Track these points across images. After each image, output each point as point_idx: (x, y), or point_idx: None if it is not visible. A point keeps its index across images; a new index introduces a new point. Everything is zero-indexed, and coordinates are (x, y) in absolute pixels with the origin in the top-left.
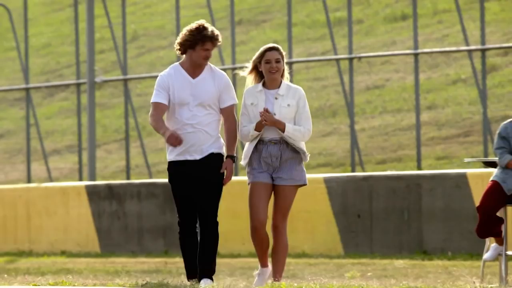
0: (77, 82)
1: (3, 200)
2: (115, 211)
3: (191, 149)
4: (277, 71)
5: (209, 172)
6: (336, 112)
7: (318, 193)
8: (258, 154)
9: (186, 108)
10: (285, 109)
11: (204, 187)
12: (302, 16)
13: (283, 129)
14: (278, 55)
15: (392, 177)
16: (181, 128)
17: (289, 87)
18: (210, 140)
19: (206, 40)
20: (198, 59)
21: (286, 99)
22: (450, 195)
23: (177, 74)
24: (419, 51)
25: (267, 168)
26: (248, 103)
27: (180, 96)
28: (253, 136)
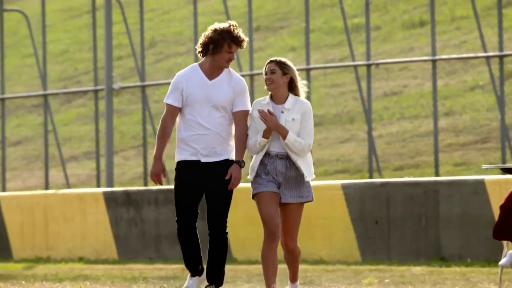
0: (95, 88)
1: (21, 207)
2: (132, 217)
3: (203, 151)
4: (272, 83)
5: (220, 176)
6: (353, 118)
7: (336, 199)
8: (263, 167)
9: (199, 109)
10: (290, 124)
11: (213, 194)
12: (320, 22)
13: (284, 136)
14: (274, 66)
15: (409, 183)
16: (194, 129)
17: (296, 101)
18: (222, 143)
19: (234, 42)
20: (221, 61)
21: (292, 113)
22: (468, 202)
23: (194, 74)
24: (437, 57)
25: (272, 180)
26: (255, 115)
27: (193, 97)
28: (260, 144)
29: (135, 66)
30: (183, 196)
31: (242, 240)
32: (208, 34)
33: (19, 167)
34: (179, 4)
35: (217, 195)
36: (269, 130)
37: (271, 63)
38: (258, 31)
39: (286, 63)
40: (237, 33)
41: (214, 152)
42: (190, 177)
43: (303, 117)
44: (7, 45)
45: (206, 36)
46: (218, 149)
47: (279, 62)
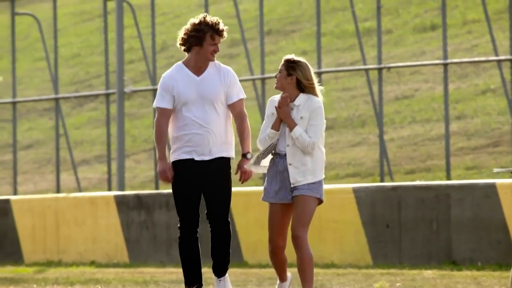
0: (106, 92)
1: (32, 210)
2: (144, 221)
3: (198, 149)
4: (278, 83)
5: (216, 175)
6: (365, 122)
7: (347, 203)
8: (275, 168)
9: (193, 107)
10: (298, 122)
11: (212, 189)
12: (331, 26)
13: (292, 128)
14: (282, 65)
15: (421, 187)
16: (188, 128)
17: (307, 98)
18: (218, 141)
19: (216, 33)
20: (206, 55)
21: (301, 111)
22: (479, 205)
23: (181, 73)
24: (448, 61)
25: (284, 183)
26: (269, 113)
27: (185, 96)
28: (270, 136)
29: (146, 70)
30: (182, 200)
31: (253, 243)
32: (188, 29)
33: (30, 170)
34: (190, 8)
35: (217, 193)
36: (279, 121)
37: (283, 62)
38: (269, 35)
39: (295, 63)
40: (216, 24)
41: (209, 151)
42: (186, 176)
43: (311, 114)
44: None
45: (186, 32)
46: (213, 147)
47: (287, 61)
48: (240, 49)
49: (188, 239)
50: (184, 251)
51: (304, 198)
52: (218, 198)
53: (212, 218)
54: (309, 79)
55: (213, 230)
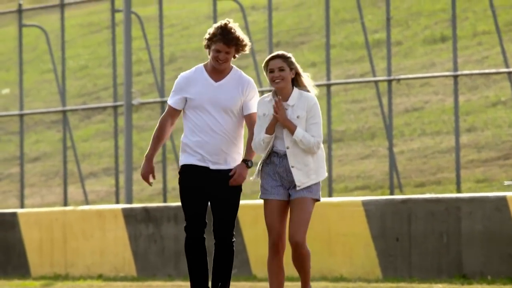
0: (114, 104)
1: (39, 223)
2: (152, 234)
3: (211, 157)
4: (282, 80)
5: (227, 188)
6: (374, 134)
7: (356, 216)
8: (273, 167)
9: (206, 112)
10: (295, 121)
11: (220, 202)
12: (341, 37)
13: (292, 132)
14: (281, 62)
15: (431, 200)
16: (200, 134)
17: (300, 96)
18: (231, 149)
19: (218, 41)
20: (211, 60)
21: (296, 110)
22: (490, 219)
23: (199, 75)
24: (458, 73)
25: (281, 182)
26: (260, 113)
27: (199, 99)
28: (265, 141)
29: (154, 82)
30: (190, 201)
31: (262, 256)
32: (207, 35)
33: (37, 183)
34: (199, 19)
35: (224, 202)
36: (273, 125)
37: (276, 59)
38: (278, 47)
39: (291, 57)
40: (222, 31)
41: (224, 159)
42: (195, 182)
43: (308, 113)
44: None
45: (205, 37)
46: (227, 156)
47: (284, 56)
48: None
49: (194, 239)
50: (190, 252)
51: (303, 201)
52: (226, 209)
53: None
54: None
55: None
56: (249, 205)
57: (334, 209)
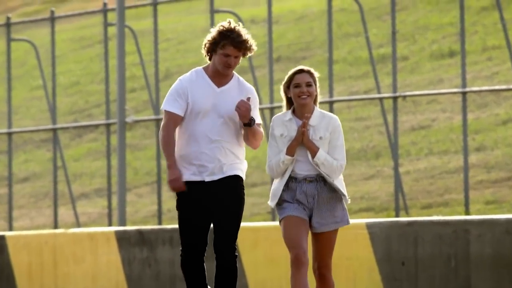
0: (107, 122)
1: (28, 246)
2: (146, 258)
3: (209, 167)
4: (309, 96)
5: (227, 194)
6: (379, 153)
7: (360, 239)
8: (291, 193)
9: (206, 120)
10: (317, 143)
11: (220, 213)
12: (344, 52)
13: (314, 153)
14: (309, 77)
15: (438, 222)
16: (199, 143)
17: (323, 116)
18: (230, 159)
19: (227, 44)
20: (218, 65)
21: (319, 131)
22: (500, 242)
23: (200, 80)
24: (467, 89)
25: (303, 207)
26: (277, 134)
27: (201, 106)
28: (285, 163)
29: (149, 99)
30: (188, 223)
31: (262, 282)
32: (209, 37)
33: (26, 205)
34: (195, 33)
35: (225, 213)
36: (294, 146)
37: (304, 73)
38: (279, 62)
39: (314, 74)
40: (231, 34)
41: (220, 168)
42: (194, 200)
43: (332, 135)
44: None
45: (208, 40)
46: (225, 166)
47: (311, 72)
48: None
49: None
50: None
51: (329, 235)
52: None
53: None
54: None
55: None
56: (248, 227)
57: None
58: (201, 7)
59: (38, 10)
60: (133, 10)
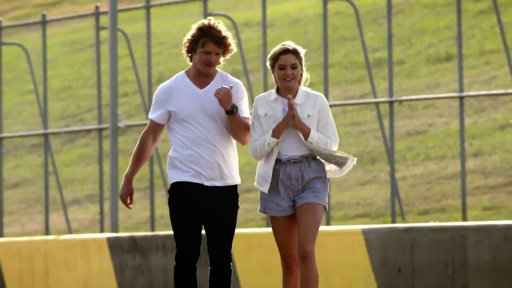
0: (99, 127)
1: (19, 253)
2: (138, 265)
3: (206, 173)
4: (293, 79)
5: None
6: (375, 159)
7: (356, 245)
8: (275, 176)
9: (195, 124)
10: (305, 121)
11: (215, 221)
12: (339, 56)
13: (307, 134)
14: (294, 59)
15: (435, 228)
16: (193, 147)
17: (308, 95)
18: (227, 162)
19: (207, 41)
20: (199, 65)
21: (306, 108)
22: (498, 248)
23: (181, 84)
24: (464, 94)
25: (286, 193)
26: (261, 113)
27: (185, 110)
28: (270, 145)
29: (141, 103)
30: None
31: None
32: (188, 37)
33: (17, 211)
34: None
35: (220, 222)
36: (282, 129)
37: (289, 54)
38: None
39: (301, 52)
40: (209, 30)
41: (219, 175)
42: (190, 203)
43: (321, 113)
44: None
45: (186, 39)
46: (222, 171)
47: (296, 52)
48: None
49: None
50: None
51: (311, 206)
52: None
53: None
54: None
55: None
56: (242, 234)
57: (332, 238)
58: (195, 11)
59: (29, 14)
60: (126, 13)
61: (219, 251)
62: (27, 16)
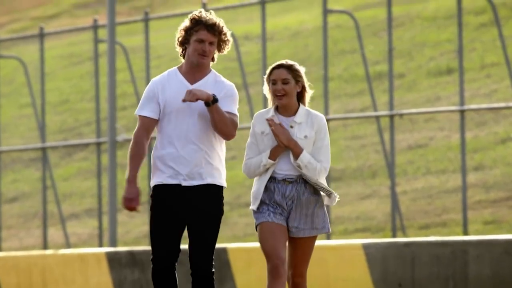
0: (97, 141)
1: (17, 268)
2: (137, 279)
3: (185, 171)
4: (285, 95)
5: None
6: (375, 173)
7: (356, 260)
8: (270, 194)
9: (182, 120)
10: (302, 142)
11: (196, 224)
12: (340, 69)
13: (298, 154)
14: (286, 74)
15: (436, 243)
16: (175, 144)
17: (308, 114)
18: (210, 163)
19: (201, 29)
20: (193, 56)
21: (303, 128)
22: (499, 263)
23: (172, 78)
24: (465, 107)
25: (281, 210)
26: (257, 131)
27: (172, 105)
28: (265, 166)
29: None
30: (161, 228)
31: None
32: (184, 24)
33: (15, 225)
34: None
35: (201, 224)
36: (279, 152)
37: (281, 69)
38: None
39: (298, 68)
40: (201, 19)
41: (199, 174)
42: (169, 204)
43: (317, 135)
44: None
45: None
46: (203, 169)
47: (291, 67)
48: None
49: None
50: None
51: (307, 241)
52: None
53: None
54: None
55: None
56: (241, 248)
57: (333, 252)
58: None
59: (26, 27)
60: (124, 26)
61: (198, 255)
62: (24, 29)
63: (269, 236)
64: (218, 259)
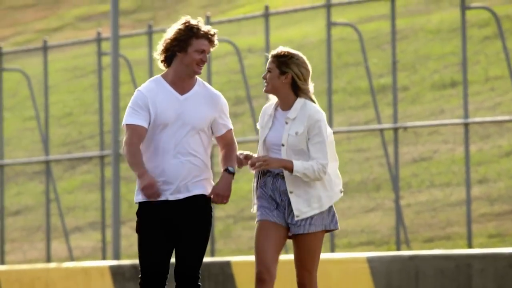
0: (101, 154)
1: (20, 281)
2: None
3: (173, 185)
4: (268, 85)
5: (193, 216)
6: (379, 186)
7: (360, 273)
8: (265, 189)
9: (169, 132)
10: (293, 139)
11: (186, 236)
12: (343, 82)
13: (291, 168)
14: (271, 63)
15: (440, 256)
16: (162, 158)
17: (304, 107)
18: (197, 175)
19: (201, 38)
20: (191, 65)
21: (296, 125)
22: (503, 276)
23: (160, 88)
24: (469, 120)
25: (277, 206)
26: (258, 126)
27: (165, 117)
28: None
29: None
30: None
31: None
32: (170, 36)
33: (19, 238)
34: None
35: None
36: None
37: (271, 58)
38: None
39: (288, 57)
40: (205, 27)
41: (186, 187)
42: (156, 222)
43: (310, 131)
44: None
45: (168, 39)
46: (190, 182)
47: (277, 56)
48: (245, 107)
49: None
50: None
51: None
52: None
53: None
54: (305, 79)
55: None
56: (245, 261)
57: (337, 266)
58: None
59: (30, 39)
60: (128, 39)
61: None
62: (28, 42)
63: (262, 237)
64: (222, 272)
